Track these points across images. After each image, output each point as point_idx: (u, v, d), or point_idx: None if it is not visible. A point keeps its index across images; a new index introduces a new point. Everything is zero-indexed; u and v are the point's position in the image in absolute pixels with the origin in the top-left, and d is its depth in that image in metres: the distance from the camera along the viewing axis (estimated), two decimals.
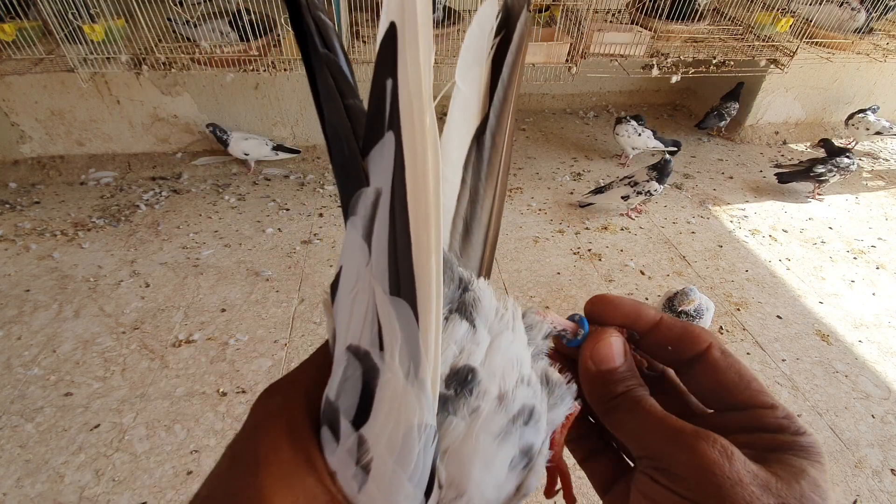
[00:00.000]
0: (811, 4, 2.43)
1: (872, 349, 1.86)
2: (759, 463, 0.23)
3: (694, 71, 2.36)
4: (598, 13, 2.44)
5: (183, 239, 2.18)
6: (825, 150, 2.66)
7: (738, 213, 2.55)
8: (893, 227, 2.54)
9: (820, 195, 2.69)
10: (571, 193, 2.58)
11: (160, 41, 1.98)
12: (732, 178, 2.82)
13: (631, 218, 2.44)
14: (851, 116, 2.93)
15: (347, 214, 0.21)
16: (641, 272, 2.14)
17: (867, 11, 2.44)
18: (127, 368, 1.63)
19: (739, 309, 1.98)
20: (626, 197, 2.30)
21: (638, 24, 2.36)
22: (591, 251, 2.23)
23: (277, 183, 2.58)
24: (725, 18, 2.57)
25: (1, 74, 2.13)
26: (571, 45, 2.19)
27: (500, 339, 0.26)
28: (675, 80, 2.38)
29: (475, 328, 0.25)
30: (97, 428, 1.46)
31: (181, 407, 1.52)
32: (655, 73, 2.34)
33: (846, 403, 1.66)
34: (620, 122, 2.68)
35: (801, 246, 2.36)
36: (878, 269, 2.26)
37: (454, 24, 2.16)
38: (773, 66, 2.43)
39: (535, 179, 2.70)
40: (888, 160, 3.13)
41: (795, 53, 2.36)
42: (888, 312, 2.03)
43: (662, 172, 2.26)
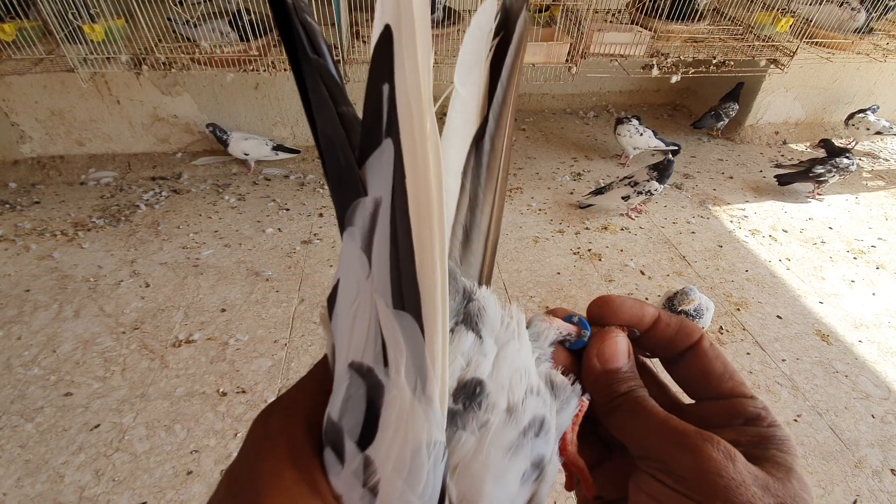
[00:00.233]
0: (811, 4, 2.43)
1: (872, 349, 1.86)
2: (752, 462, 0.24)
3: (694, 71, 2.36)
4: (598, 13, 2.44)
5: (183, 239, 2.18)
6: (825, 150, 2.66)
7: (738, 213, 2.55)
8: (893, 227, 2.54)
9: (820, 195, 2.69)
10: (571, 193, 2.58)
11: (160, 41, 1.98)
12: (732, 178, 2.82)
13: (631, 218, 2.44)
14: (852, 116, 2.93)
15: (344, 226, 0.20)
16: (641, 272, 2.14)
17: (867, 11, 2.44)
18: (127, 368, 1.63)
19: (739, 309, 1.98)
20: (626, 197, 2.30)
21: (638, 24, 2.36)
22: (591, 251, 2.23)
23: (277, 183, 2.58)
24: (725, 18, 2.57)
25: (1, 74, 2.13)
26: (571, 45, 2.19)
27: (506, 348, 0.25)
28: (675, 80, 2.38)
29: (481, 339, 0.25)
30: (97, 428, 1.46)
31: (181, 407, 1.52)
32: (655, 73, 2.34)
33: (846, 403, 1.66)
34: (622, 121, 2.68)
35: (801, 246, 2.36)
36: (878, 269, 2.26)
37: (454, 24, 2.16)
38: (773, 66, 2.43)
39: (535, 179, 2.70)
40: (888, 160, 3.13)
41: (795, 53, 2.36)
42: (888, 312, 2.03)
43: (664, 173, 2.26)
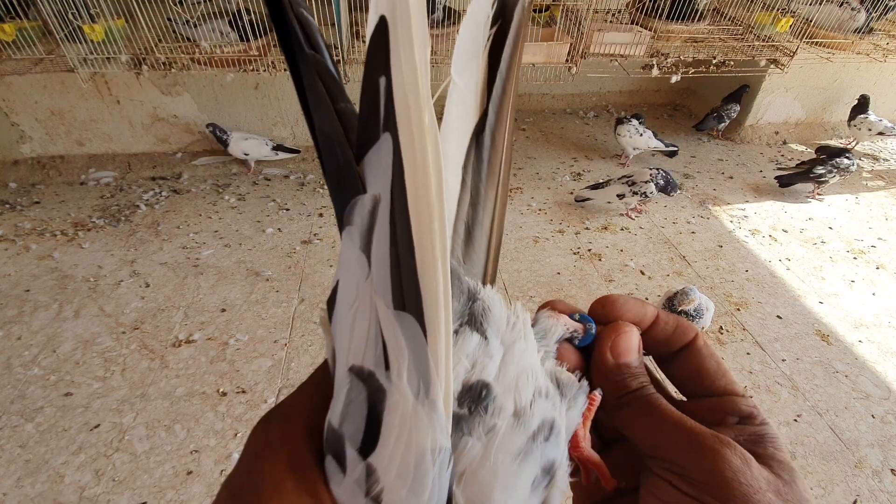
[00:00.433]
0: (811, 4, 2.43)
1: (872, 349, 1.86)
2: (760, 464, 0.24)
3: (694, 71, 2.36)
4: (598, 13, 2.44)
5: (183, 239, 2.18)
6: (826, 154, 2.64)
7: (738, 213, 2.55)
8: (893, 227, 2.54)
9: (820, 195, 2.69)
10: (571, 193, 2.57)
11: (160, 41, 1.98)
12: (732, 178, 2.82)
13: (631, 218, 2.44)
14: (854, 117, 2.92)
15: (342, 225, 0.20)
16: (641, 272, 2.14)
17: (867, 11, 2.44)
18: (127, 368, 1.63)
19: (739, 309, 1.98)
20: (621, 195, 2.30)
21: (638, 24, 2.36)
22: (591, 251, 2.23)
23: (277, 183, 2.58)
24: (725, 18, 2.57)
25: (1, 74, 2.13)
26: (571, 45, 2.19)
27: (513, 349, 0.25)
28: (675, 80, 2.38)
29: (487, 340, 0.24)
30: (97, 428, 1.46)
31: (181, 407, 1.52)
32: (655, 73, 2.34)
33: (846, 403, 1.66)
34: (622, 122, 2.68)
35: (801, 246, 2.36)
36: (878, 269, 2.26)
37: (454, 24, 2.16)
38: (773, 66, 2.43)
39: (535, 179, 2.70)
40: (888, 160, 3.13)
41: (795, 53, 2.36)
42: (888, 312, 2.03)
43: (668, 184, 2.26)
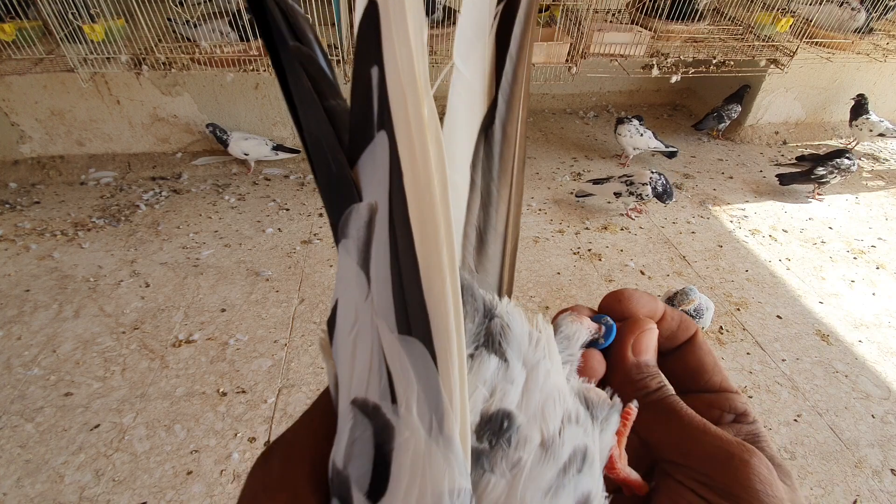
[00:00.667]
0: (811, 4, 2.43)
1: (872, 349, 1.86)
2: None
3: (694, 71, 2.36)
4: (598, 13, 2.44)
5: (183, 239, 2.18)
6: (825, 157, 2.62)
7: (738, 213, 2.55)
8: (893, 227, 2.54)
9: (820, 195, 2.69)
10: (571, 193, 2.57)
11: (160, 41, 1.98)
12: (732, 178, 2.82)
13: (631, 218, 2.44)
14: (856, 118, 2.91)
15: (338, 237, 0.18)
16: (641, 272, 2.14)
17: (867, 11, 2.44)
18: (127, 368, 1.63)
19: (739, 309, 1.99)
20: (618, 194, 2.30)
21: (638, 24, 2.36)
22: (591, 251, 2.23)
23: (277, 183, 2.58)
24: (725, 18, 2.57)
25: (1, 74, 2.12)
26: (571, 45, 2.19)
27: (536, 371, 0.22)
28: (675, 80, 2.38)
29: (507, 362, 0.22)
30: (97, 428, 1.46)
31: (181, 407, 1.52)
32: (655, 73, 2.34)
33: (846, 403, 1.66)
34: (622, 122, 2.68)
35: (801, 246, 2.36)
36: (878, 269, 2.26)
37: (454, 24, 2.16)
38: (773, 66, 2.43)
39: (535, 179, 2.70)
40: (888, 160, 3.13)
41: (795, 53, 2.36)
42: (888, 312, 2.03)
43: (665, 192, 2.26)
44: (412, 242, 0.17)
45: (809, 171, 2.58)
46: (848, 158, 2.54)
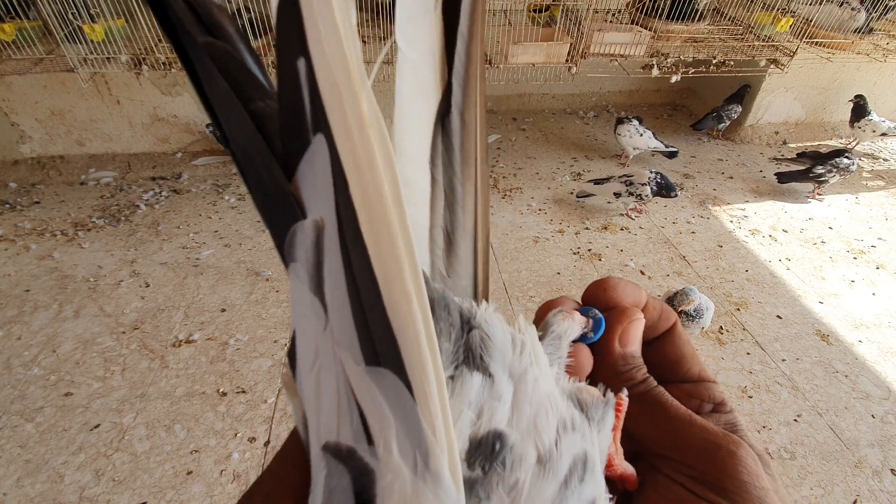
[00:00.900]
0: (811, 4, 2.43)
1: (872, 349, 1.86)
2: None
3: (694, 71, 2.36)
4: (598, 13, 2.44)
5: (183, 239, 2.18)
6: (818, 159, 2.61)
7: (738, 213, 2.55)
8: (893, 227, 2.54)
9: (820, 195, 2.69)
10: (571, 193, 2.57)
11: (160, 41, 1.98)
12: (732, 178, 2.82)
13: (631, 218, 2.44)
14: (858, 119, 2.91)
15: (285, 260, 0.16)
16: (641, 272, 2.14)
17: (867, 11, 2.44)
18: (127, 368, 1.63)
19: (739, 309, 1.99)
20: (618, 194, 2.30)
21: (638, 24, 2.36)
22: (591, 251, 2.23)
23: None
24: (725, 18, 2.57)
25: (1, 74, 2.12)
26: (571, 45, 2.19)
27: (524, 381, 0.20)
28: (674, 80, 2.38)
29: (492, 377, 0.20)
30: (97, 428, 1.46)
31: (181, 407, 1.52)
32: (655, 73, 2.34)
33: (846, 403, 1.66)
34: (622, 122, 2.68)
35: (801, 246, 2.36)
36: (878, 269, 2.26)
37: None
38: (773, 66, 2.43)
39: (535, 179, 2.70)
40: (888, 160, 3.13)
41: (795, 53, 2.36)
42: (888, 312, 2.03)
43: (665, 186, 2.26)
44: (368, 261, 0.15)
45: (808, 170, 2.58)
46: (847, 158, 2.54)
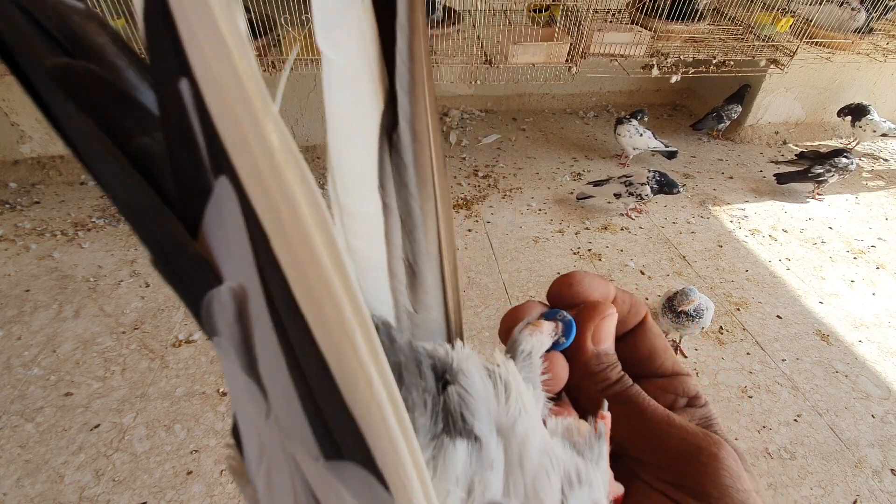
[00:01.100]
0: (811, 4, 2.43)
1: (872, 349, 1.86)
2: None
3: (694, 71, 2.36)
4: (598, 13, 2.44)
5: None
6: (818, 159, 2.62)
7: (738, 213, 2.55)
8: (893, 227, 2.54)
9: (820, 195, 2.69)
10: (571, 193, 2.57)
11: None
12: (732, 178, 2.82)
13: (631, 218, 2.44)
14: (859, 119, 2.90)
15: (206, 332, 0.13)
16: (641, 272, 2.14)
17: (867, 11, 2.44)
18: (127, 368, 1.63)
19: (739, 309, 1.99)
20: (618, 195, 2.30)
21: (638, 24, 2.36)
22: (591, 251, 2.23)
23: None
24: (725, 18, 2.57)
25: (1, 74, 2.12)
26: (571, 45, 2.19)
27: (514, 436, 0.18)
28: (675, 80, 2.38)
29: (478, 441, 0.17)
30: (97, 428, 1.46)
31: (181, 407, 1.52)
32: (655, 73, 2.34)
33: (846, 403, 1.66)
34: (622, 122, 2.68)
35: (801, 246, 2.36)
36: (878, 269, 2.26)
37: (454, 23, 2.16)
38: (773, 66, 2.43)
39: (535, 179, 2.70)
40: (888, 160, 3.13)
41: (795, 53, 2.36)
42: (888, 312, 2.03)
43: (666, 184, 2.26)
44: (310, 335, 0.12)
45: (807, 170, 2.58)
46: (846, 157, 2.54)
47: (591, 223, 2.40)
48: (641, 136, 2.66)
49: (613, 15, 2.54)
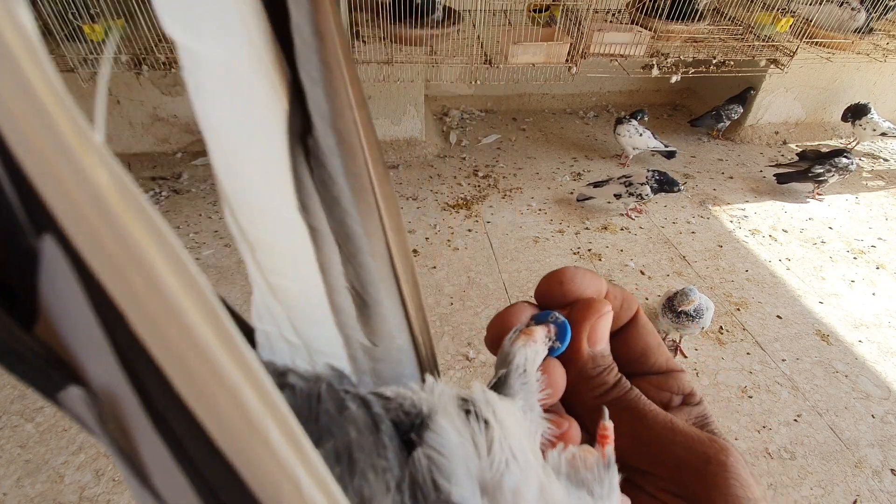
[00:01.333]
0: (811, 4, 2.43)
1: (872, 349, 1.86)
2: None
3: (694, 71, 2.36)
4: (598, 13, 2.44)
5: (183, 239, 2.18)
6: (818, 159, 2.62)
7: (738, 213, 2.55)
8: (893, 227, 2.54)
9: (820, 195, 2.69)
10: (571, 193, 2.57)
11: (160, 41, 1.98)
12: (732, 178, 2.82)
13: (631, 218, 2.44)
14: (860, 118, 2.91)
15: (85, 427, 0.10)
16: (641, 272, 2.14)
17: (867, 11, 2.44)
18: None
19: (739, 309, 1.99)
20: (618, 195, 2.31)
21: (638, 24, 2.36)
22: (591, 251, 2.23)
23: None
24: (725, 18, 2.57)
25: None
26: (571, 45, 2.19)
27: (501, 495, 0.15)
28: (675, 80, 2.38)
29: None
30: None
31: None
32: (655, 73, 2.34)
33: (846, 403, 1.66)
34: (621, 122, 2.68)
35: (801, 246, 2.36)
36: (878, 269, 2.26)
37: (454, 23, 2.16)
38: (773, 66, 2.43)
39: (535, 179, 2.70)
40: (888, 160, 3.13)
41: (795, 53, 2.36)
42: (888, 312, 2.03)
43: (665, 182, 2.26)
44: (208, 440, 0.09)
45: (807, 170, 2.58)
46: (846, 157, 2.54)
47: (591, 223, 2.40)
48: (641, 136, 2.66)
49: (613, 15, 2.54)
